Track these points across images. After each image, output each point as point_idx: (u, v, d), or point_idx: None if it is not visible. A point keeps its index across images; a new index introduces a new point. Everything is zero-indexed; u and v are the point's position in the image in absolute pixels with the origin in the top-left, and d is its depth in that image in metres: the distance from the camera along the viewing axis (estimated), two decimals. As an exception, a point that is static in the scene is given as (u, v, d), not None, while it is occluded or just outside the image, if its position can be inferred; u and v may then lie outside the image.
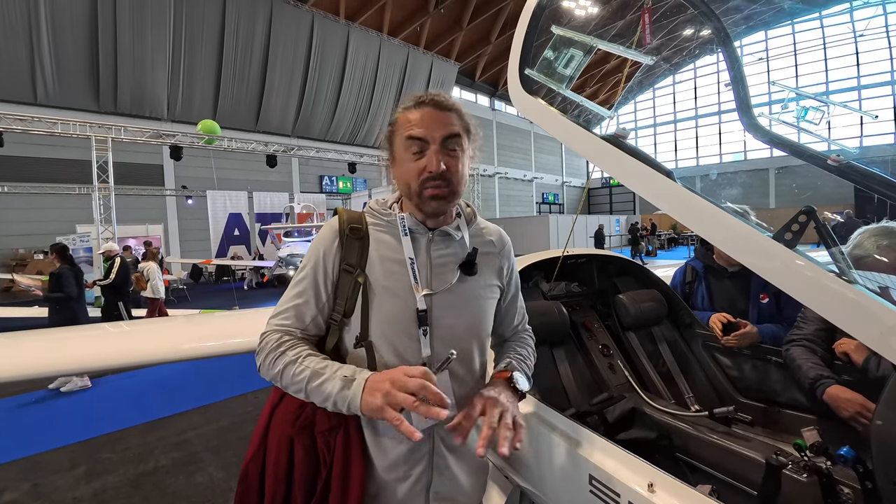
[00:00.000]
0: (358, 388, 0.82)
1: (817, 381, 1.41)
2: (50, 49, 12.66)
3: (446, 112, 0.94)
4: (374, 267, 0.96)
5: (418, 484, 0.96)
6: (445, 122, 0.92)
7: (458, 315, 0.98)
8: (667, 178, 0.88)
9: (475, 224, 1.07)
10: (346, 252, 0.96)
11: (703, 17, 1.36)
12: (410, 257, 0.95)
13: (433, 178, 0.91)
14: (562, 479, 1.23)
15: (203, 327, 3.01)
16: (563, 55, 1.20)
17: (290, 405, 0.96)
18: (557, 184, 35.61)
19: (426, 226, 0.99)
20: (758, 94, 1.61)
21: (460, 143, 0.94)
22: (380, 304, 0.94)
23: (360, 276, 0.94)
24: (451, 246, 1.01)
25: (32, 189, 13.13)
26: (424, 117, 0.92)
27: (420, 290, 0.94)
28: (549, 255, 2.28)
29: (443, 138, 0.91)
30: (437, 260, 0.99)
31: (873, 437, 0.93)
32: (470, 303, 1.00)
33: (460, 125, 0.95)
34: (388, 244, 0.98)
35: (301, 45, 17.31)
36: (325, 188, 20.53)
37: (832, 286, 0.68)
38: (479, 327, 1.03)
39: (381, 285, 0.94)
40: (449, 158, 0.92)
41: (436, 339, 0.95)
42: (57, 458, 3.37)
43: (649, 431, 1.49)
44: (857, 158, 1.10)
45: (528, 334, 1.21)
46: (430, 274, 0.97)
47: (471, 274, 0.99)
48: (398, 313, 0.93)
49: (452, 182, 0.93)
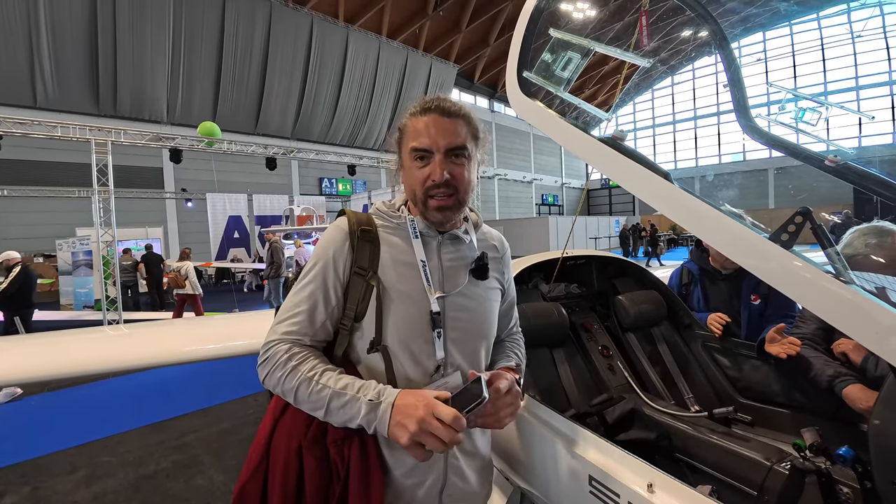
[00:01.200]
0: (385, 414, 0.80)
1: (836, 378, 1.40)
2: (49, 52, 12.69)
3: (453, 119, 0.93)
4: (386, 270, 0.94)
5: (434, 487, 0.96)
6: (450, 130, 0.92)
7: (469, 318, 0.99)
8: (664, 179, 0.89)
9: (480, 229, 1.08)
10: (357, 254, 0.94)
11: (700, 20, 1.37)
12: (423, 260, 0.95)
13: (437, 187, 0.91)
14: (562, 479, 1.23)
15: (203, 330, 3.02)
16: (562, 58, 1.21)
17: (298, 415, 0.92)
18: (557, 185, 35.65)
19: (436, 229, 0.99)
20: (756, 96, 1.62)
21: (466, 151, 0.93)
22: (395, 308, 0.93)
23: (373, 279, 0.93)
24: (461, 249, 1.02)
25: (32, 192, 13.13)
26: (430, 126, 0.91)
27: (433, 293, 0.94)
28: (549, 257, 2.28)
29: (447, 148, 0.91)
30: (448, 263, 0.99)
31: (871, 437, 0.93)
32: (480, 305, 1.01)
33: (467, 132, 0.94)
34: (399, 247, 0.97)
35: (300, 48, 17.35)
36: (325, 190, 20.54)
37: (829, 287, 0.69)
38: (487, 330, 1.04)
39: (396, 288, 0.93)
40: (454, 167, 0.92)
41: (449, 342, 0.95)
42: (57, 461, 3.36)
43: (649, 432, 1.49)
44: (855, 159, 1.11)
45: (521, 335, 1.22)
46: (442, 277, 0.98)
47: (482, 278, 1.01)
48: (413, 316, 0.93)
49: (459, 190, 0.93)
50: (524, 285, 2.29)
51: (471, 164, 0.95)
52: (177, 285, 7.70)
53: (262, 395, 4.58)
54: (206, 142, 10.93)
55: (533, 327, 1.86)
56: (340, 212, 1.03)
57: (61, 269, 10.96)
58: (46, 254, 13.25)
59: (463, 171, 0.93)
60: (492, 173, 27.80)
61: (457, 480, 0.98)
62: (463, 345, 0.97)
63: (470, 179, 0.95)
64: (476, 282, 1.00)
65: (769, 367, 1.78)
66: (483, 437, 1.07)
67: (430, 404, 0.77)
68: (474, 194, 1.00)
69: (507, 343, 1.16)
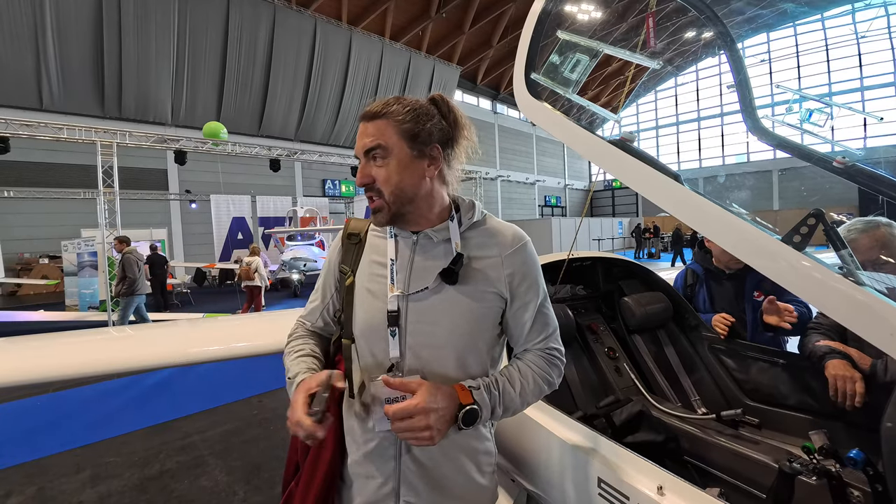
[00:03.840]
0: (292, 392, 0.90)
1: (827, 355, 1.45)
2: (55, 55, 12.77)
3: (374, 121, 0.92)
4: (363, 269, 1.01)
5: (385, 486, 0.95)
6: (367, 132, 0.92)
7: (435, 322, 0.93)
8: (674, 181, 0.89)
9: (482, 226, 1.00)
10: (343, 256, 1.05)
11: (707, 21, 1.37)
12: (391, 259, 0.97)
13: (367, 191, 0.95)
14: (570, 481, 1.23)
15: (207, 331, 3.02)
16: (569, 59, 1.21)
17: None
18: (559, 186, 35.60)
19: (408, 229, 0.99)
20: (762, 96, 1.61)
21: (379, 151, 0.91)
22: (360, 304, 0.98)
23: (350, 277, 1.01)
24: (435, 250, 0.97)
25: (37, 194, 13.22)
26: (359, 134, 0.94)
27: (393, 291, 0.94)
28: (555, 258, 2.28)
29: (364, 151, 0.93)
30: (420, 264, 0.96)
31: (884, 440, 0.92)
32: (452, 310, 0.93)
33: (393, 129, 0.91)
34: (379, 248, 1.01)
35: (304, 50, 17.41)
36: (328, 192, 20.58)
37: (842, 288, 0.68)
38: (459, 338, 0.93)
39: (364, 286, 0.99)
40: (373, 168, 0.92)
41: (408, 344, 0.93)
42: (62, 461, 3.38)
43: (657, 434, 1.49)
44: (863, 160, 1.11)
45: (553, 351, 1.04)
46: (409, 277, 0.96)
47: (450, 282, 0.92)
48: (374, 313, 0.95)
49: (383, 191, 0.92)
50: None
51: (392, 160, 0.91)
52: (247, 277, 8.67)
53: (267, 396, 4.59)
54: (212, 142, 10.98)
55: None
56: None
57: (66, 270, 11.01)
58: (52, 255, 13.34)
59: (382, 170, 0.91)
60: (494, 175, 27.80)
61: (413, 492, 0.94)
62: (423, 349, 0.92)
63: (391, 177, 0.91)
64: (450, 287, 0.92)
65: (777, 369, 1.77)
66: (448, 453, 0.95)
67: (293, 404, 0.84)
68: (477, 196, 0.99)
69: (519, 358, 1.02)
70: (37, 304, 11.55)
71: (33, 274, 13.01)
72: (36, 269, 13.25)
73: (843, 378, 1.35)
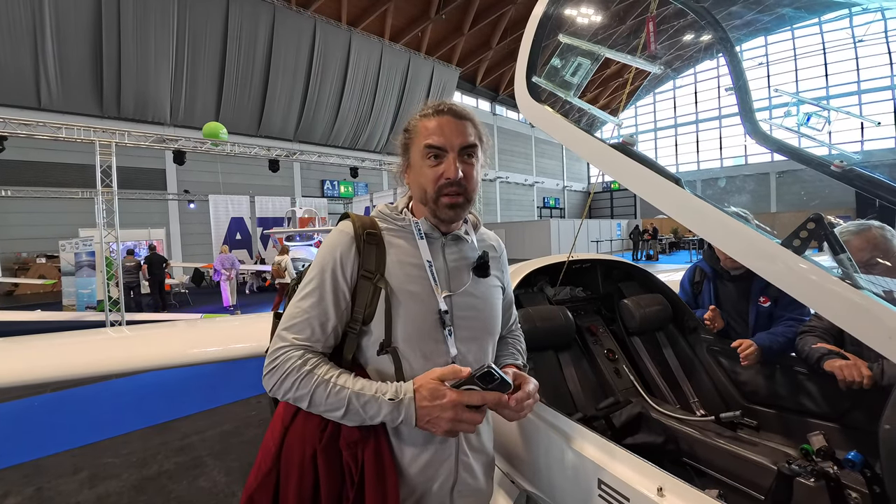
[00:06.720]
0: (409, 409, 0.83)
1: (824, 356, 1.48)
2: (54, 54, 12.75)
3: (463, 121, 0.97)
4: (393, 272, 0.95)
5: (446, 484, 0.97)
6: (463, 131, 0.95)
7: (475, 315, 1.02)
8: (675, 184, 0.89)
9: (480, 230, 1.12)
10: (364, 257, 0.95)
11: (706, 25, 1.38)
12: (428, 260, 0.98)
13: (450, 185, 0.94)
14: (570, 483, 1.23)
15: (205, 332, 3.02)
16: (570, 63, 1.22)
17: (310, 421, 0.91)
18: (558, 188, 35.65)
19: (439, 230, 1.02)
20: (760, 99, 1.62)
21: (476, 151, 0.98)
22: (403, 309, 0.93)
23: (381, 281, 0.93)
24: (463, 249, 1.05)
25: (35, 193, 13.18)
26: (443, 126, 0.94)
27: (441, 292, 0.96)
28: (554, 260, 2.29)
29: (460, 147, 0.94)
30: (453, 263, 1.02)
31: (882, 442, 0.93)
32: (485, 302, 1.04)
33: (475, 135, 0.98)
34: (405, 248, 0.99)
35: (303, 51, 17.41)
36: (327, 192, 20.57)
37: (841, 292, 0.69)
38: (493, 326, 1.06)
39: (403, 290, 0.94)
40: (466, 166, 0.95)
41: (458, 340, 0.97)
42: (60, 462, 3.36)
43: (656, 436, 1.49)
44: (860, 164, 1.12)
45: (520, 332, 1.26)
46: (448, 276, 1.00)
47: (484, 276, 1.04)
48: (422, 316, 0.94)
49: (468, 189, 0.96)
50: (530, 289, 2.29)
51: (478, 165, 0.99)
52: (278, 275, 9.29)
53: (265, 396, 4.56)
54: (212, 142, 10.97)
55: (539, 330, 1.86)
56: (343, 215, 1.04)
57: (64, 269, 10.98)
58: (49, 254, 13.30)
59: (472, 170, 0.97)
60: (493, 176, 27.82)
61: (467, 476, 1.00)
62: (472, 342, 1.00)
63: (477, 180, 0.99)
64: (479, 280, 1.03)
65: (775, 372, 1.78)
66: (487, 434, 1.09)
67: (454, 400, 0.82)
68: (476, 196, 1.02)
69: (510, 340, 1.19)
70: (34, 303, 11.51)
71: (30, 273, 12.98)
72: (33, 268, 13.21)
73: (849, 366, 1.38)
